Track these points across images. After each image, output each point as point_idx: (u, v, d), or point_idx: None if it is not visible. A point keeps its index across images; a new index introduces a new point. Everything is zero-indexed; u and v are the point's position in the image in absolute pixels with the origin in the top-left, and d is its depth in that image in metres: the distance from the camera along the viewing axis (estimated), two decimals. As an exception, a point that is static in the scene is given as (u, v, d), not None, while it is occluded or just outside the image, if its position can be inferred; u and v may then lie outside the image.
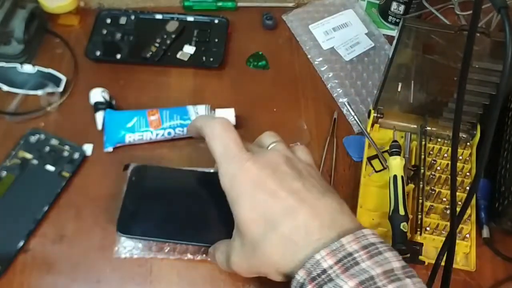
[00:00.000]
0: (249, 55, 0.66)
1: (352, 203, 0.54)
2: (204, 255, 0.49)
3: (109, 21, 0.66)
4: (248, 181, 0.39)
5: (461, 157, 0.56)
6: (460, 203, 0.40)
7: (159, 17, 0.67)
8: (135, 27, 0.66)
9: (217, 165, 0.42)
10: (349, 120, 0.60)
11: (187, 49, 0.65)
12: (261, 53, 0.66)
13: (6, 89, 0.60)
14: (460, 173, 0.55)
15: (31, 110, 0.59)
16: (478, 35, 0.50)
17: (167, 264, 0.49)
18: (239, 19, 0.69)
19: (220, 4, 0.69)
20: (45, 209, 0.51)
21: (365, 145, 0.57)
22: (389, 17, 0.69)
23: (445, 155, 0.55)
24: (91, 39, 0.64)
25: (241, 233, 0.39)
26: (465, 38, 0.34)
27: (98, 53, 0.63)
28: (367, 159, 0.56)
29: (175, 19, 0.67)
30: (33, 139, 0.55)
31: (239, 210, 0.39)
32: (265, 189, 0.38)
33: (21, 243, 0.49)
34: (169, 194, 0.50)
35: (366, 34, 0.68)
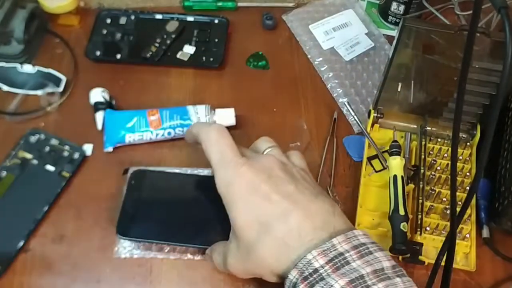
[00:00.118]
0: (249, 55, 0.66)
1: (352, 203, 0.54)
2: (203, 255, 0.49)
3: (109, 21, 0.66)
4: (243, 185, 0.40)
5: (461, 157, 0.56)
6: (460, 203, 0.40)
7: (159, 17, 0.67)
8: (135, 27, 0.66)
9: (213, 170, 0.42)
10: (349, 120, 0.60)
11: (187, 49, 0.65)
12: (261, 53, 0.66)
13: (6, 89, 0.60)
14: (460, 173, 0.55)
15: (31, 110, 0.59)
16: (478, 35, 0.50)
17: (167, 264, 0.49)
18: (239, 19, 0.69)
19: (220, 4, 0.69)
20: (45, 209, 0.51)
21: (365, 145, 0.57)
22: (389, 17, 0.69)
23: (445, 155, 0.55)
24: (91, 39, 0.65)
25: (237, 236, 0.40)
26: (465, 38, 0.34)
27: (98, 53, 0.64)
28: (367, 159, 0.56)
29: (175, 19, 0.67)
30: (33, 139, 0.55)
31: (235, 214, 0.40)
32: (259, 193, 0.39)
33: (21, 243, 0.49)
34: (168, 197, 0.51)
35: (366, 34, 0.68)
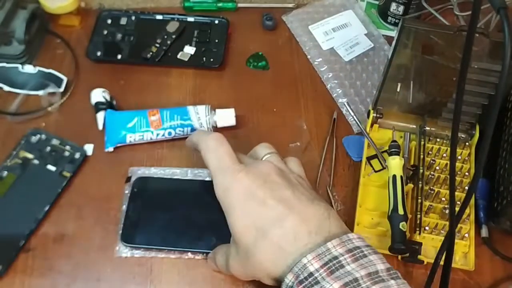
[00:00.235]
0: (249, 55, 0.66)
1: (351, 203, 0.54)
2: (204, 254, 0.50)
3: (109, 21, 0.67)
4: (240, 191, 0.40)
5: (460, 157, 0.56)
6: (459, 203, 0.40)
7: (159, 17, 0.68)
8: (135, 27, 0.67)
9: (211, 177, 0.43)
10: (349, 120, 0.61)
11: (187, 49, 0.65)
12: (261, 53, 0.66)
13: (7, 89, 0.60)
14: (459, 173, 0.55)
15: (32, 110, 0.59)
16: (477, 35, 0.50)
17: (168, 263, 0.50)
18: (239, 19, 0.69)
19: (220, 4, 0.70)
20: (46, 208, 0.52)
21: (365, 145, 0.57)
22: (389, 17, 0.69)
23: (444, 155, 0.56)
24: (91, 39, 0.65)
25: (235, 241, 0.41)
26: (464, 38, 0.35)
27: (98, 53, 0.64)
28: (367, 159, 0.56)
29: (176, 19, 0.68)
30: (34, 139, 0.56)
31: (232, 219, 0.40)
32: (255, 198, 0.40)
33: (22, 243, 0.50)
34: (171, 203, 0.52)
35: (365, 34, 0.68)
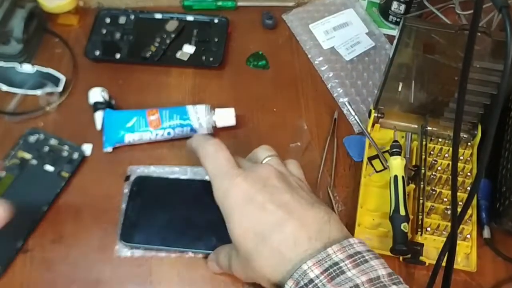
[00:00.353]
0: (249, 54, 0.66)
1: (352, 203, 0.54)
2: (204, 254, 0.49)
3: (108, 20, 0.66)
4: (239, 195, 0.40)
5: (462, 157, 0.56)
6: (461, 204, 0.40)
7: (158, 16, 0.67)
8: (134, 26, 0.66)
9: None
10: (350, 120, 0.60)
11: (186, 48, 0.65)
12: (261, 52, 0.66)
13: (5, 88, 0.60)
14: (461, 173, 0.54)
15: (30, 110, 0.58)
16: (479, 34, 0.50)
17: (167, 264, 0.49)
18: (239, 18, 0.69)
19: (220, 3, 0.69)
20: (45, 209, 0.51)
21: (366, 145, 0.56)
22: (390, 16, 0.69)
23: (446, 155, 0.55)
24: (90, 38, 0.64)
25: (235, 246, 0.40)
26: (466, 37, 0.34)
27: (97, 52, 0.63)
28: (368, 159, 0.56)
29: (175, 18, 0.67)
30: (32, 139, 0.55)
31: (232, 224, 0.40)
32: (254, 203, 0.39)
33: (20, 243, 0.49)
34: (170, 202, 0.51)
35: (366, 33, 0.68)
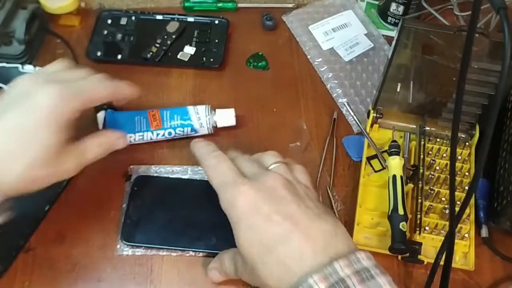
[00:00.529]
0: (249, 55, 0.66)
1: (351, 203, 0.54)
2: (204, 254, 0.50)
3: (109, 21, 0.67)
4: (245, 205, 0.40)
5: (460, 157, 0.56)
6: (459, 203, 0.40)
7: (159, 17, 0.68)
8: (135, 27, 0.67)
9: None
10: (349, 120, 0.61)
11: (187, 49, 0.65)
12: (261, 53, 0.66)
13: (7, 89, 0.60)
14: (459, 173, 0.55)
15: (32, 110, 0.59)
16: (477, 35, 0.51)
17: (168, 263, 0.50)
18: (239, 19, 0.69)
19: (220, 4, 0.70)
20: (46, 208, 0.51)
21: (365, 145, 0.57)
22: (388, 17, 0.69)
23: (444, 155, 0.56)
24: (92, 39, 0.65)
25: (242, 255, 0.40)
26: (464, 38, 0.35)
27: (99, 53, 0.64)
28: (367, 159, 0.56)
29: (176, 19, 0.68)
30: (34, 139, 0.55)
31: (238, 234, 0.40)
32: (260, 213, 0.39)
33: (22, 243, 0.50)
34: (171, 202, 0.51)
35: (365, 34, 0.68)
